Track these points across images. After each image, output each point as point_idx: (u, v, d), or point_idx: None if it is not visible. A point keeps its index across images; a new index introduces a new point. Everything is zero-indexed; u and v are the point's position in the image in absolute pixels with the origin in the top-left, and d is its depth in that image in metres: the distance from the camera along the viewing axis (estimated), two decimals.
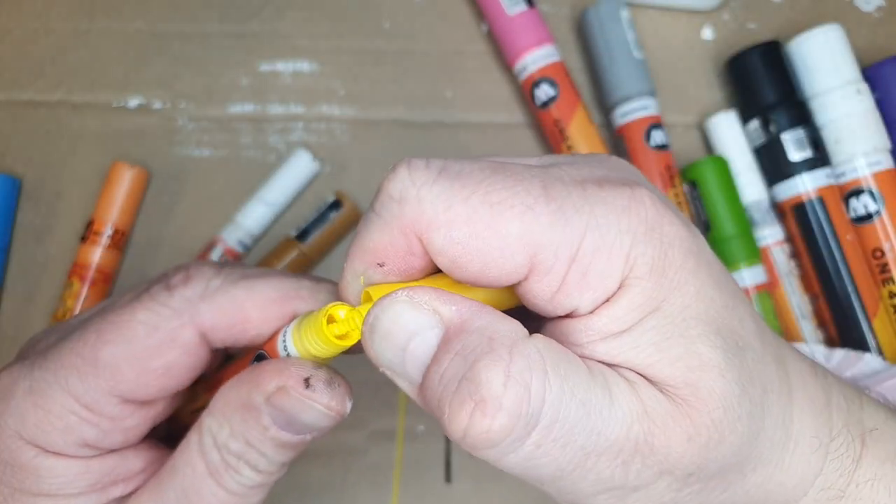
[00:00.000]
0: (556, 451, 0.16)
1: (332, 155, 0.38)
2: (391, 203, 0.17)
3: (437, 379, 0.16)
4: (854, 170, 0.36)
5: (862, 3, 0.42)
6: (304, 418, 0.20)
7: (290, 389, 0.20)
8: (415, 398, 0.17)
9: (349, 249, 0.19)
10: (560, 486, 0.17)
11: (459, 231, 0.17)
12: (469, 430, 0.15)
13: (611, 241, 0.17)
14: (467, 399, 0.15)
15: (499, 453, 0.16)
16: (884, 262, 0.36)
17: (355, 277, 0.18)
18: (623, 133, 0.37)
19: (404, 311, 0.17)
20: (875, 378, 0.32)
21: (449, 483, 0.35)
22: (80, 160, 0.38)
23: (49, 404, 0.20)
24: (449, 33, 0.40)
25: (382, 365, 0.17)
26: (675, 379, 0.17)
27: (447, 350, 0.16)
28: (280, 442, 0.20)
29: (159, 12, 0.39)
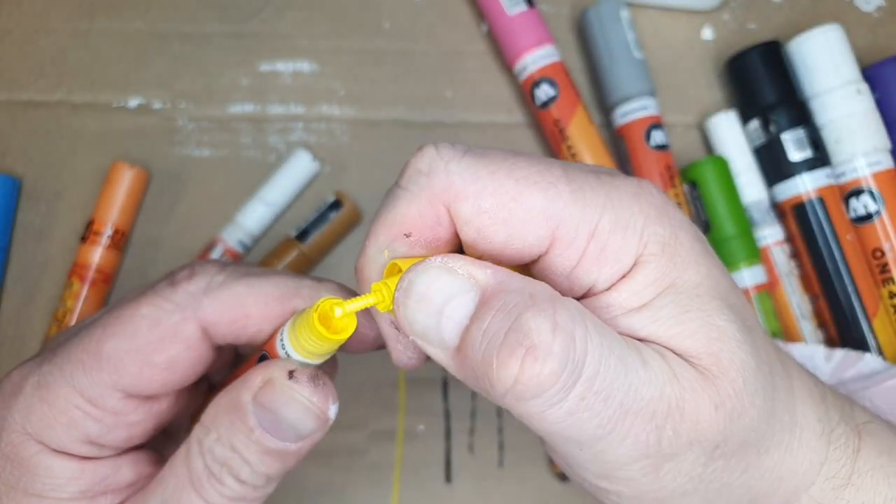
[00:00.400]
0: (598, 405, 0.16)
1: (332, 155, 0.38)
2: (419, 176, 0.18)
3: (480, 335, 0.16)
4: (854, 170, 0.36)
5: (862, 3, 0.42)
6: (288, 414, 0.20)
7: (274, 380, 0.20)
8: (447, 363, 0.17)
9: (371, 227, 0.19)
10: (598, 450, 0.17)
11: (487, 201, 0.17)
12: (520, 376, 0.15)
13: (626, 220, 0.18)
14: (517, 347, 0.16)
15: (545, 403, 0.16)
16: (884, 262, 0.36)
17: (379, 251, 0.18)
18: (623, 133, 0.37)
19: (440, 276, 0.17)
20: (875, 378, 0.32)
21: (449, 483, 0.35)
22: (80, 160, 0.38)
23: (54, 398, 0.20)
24: (449, 33, 0.40)
25: (415, 331, 0.17)
26: (696, 350, 0.18)
27: (488, 308, 0.16)
28: (264, 447, 0.20)
29: (159, 12, 0.39)
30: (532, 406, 0.16)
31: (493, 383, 0.16)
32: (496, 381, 0.16)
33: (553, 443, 0.18)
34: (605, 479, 0.18)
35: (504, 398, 0.16)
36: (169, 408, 0.22)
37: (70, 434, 0.20)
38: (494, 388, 0.16)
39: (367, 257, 0.19)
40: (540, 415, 0.16)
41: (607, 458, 0.17)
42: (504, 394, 0.16)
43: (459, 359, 0.17)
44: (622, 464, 0.17)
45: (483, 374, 0.16)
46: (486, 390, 0.16)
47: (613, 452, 0.17)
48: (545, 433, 0.17)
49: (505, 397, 0.16)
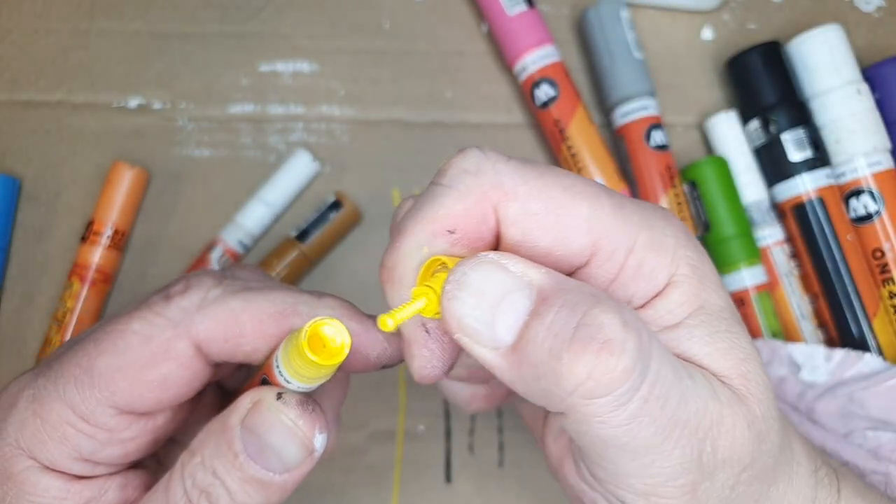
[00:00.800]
0: (656, 411, 0.16)
1: (332, 155, 0.38)
2: (465, 175, 0.18)
3: (544, 330, 0.15)
4: (854, 170, 0.36)
5: (862, 3, 0.42)
6: (272, 438, 0.19)
7: (261, 401, 0.19)
8: (495, 364, 0.16)
9: (406, 223, 0.18)
10: (648, 462, 0.17)
11: (536, 204, 0.17)
12: (594, 370, 0.15)
13: (660, 240, 0.18)
14: (590, 341, 0.15)
15: (612, 403, 0.15)
16: (884, 263, 0.36)
17: (418, 248, 0.18)
18: (623, 133, 0.37)
19: (495, 270, 0.16)
20: (875, 378, 0.32)
21: (449, 483, 0.36)
22: (80, 160, 0.38)
23: (47, 413, 0.20)
24: (449, 34, 0.40)
25: (464, 328, 0.16)
26: (728, 369, 0.18)
27: (549, 304, 0.16)
28: (247, 475, 0.19)
29: (159, 13, 0.39)
30: (599, 406, 0.15)
31: (561, 380, 0.15)
32: (565, 377, 0.15)
33: (601, 453, 0.17)
34: (644, 498, 0.17)
35: (570, 397, 0.15)
36: (166, 423, 0.22)
37: (62, 450, 0.20)
38: (561, 386, 0.15)
39: (404, 253, 0.18)
40: (603, 417, 0.16)
41: (654, 471, 0.17)
42: (572, 391, 0.15)
43: (513, 358, 0.16)
44: (667, 479, 0.17)
45: (547, 371, 0.15)
46: (546, 391, 0.16)
47: (661, 465, 0.17)
48: (600, 439, 0.16)
49: (571, 396, 0.15)
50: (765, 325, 0.36)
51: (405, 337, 0.18)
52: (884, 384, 0.32)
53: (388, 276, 0.18)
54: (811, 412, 0.32)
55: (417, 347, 0.18)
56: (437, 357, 0.18)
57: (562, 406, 0.16)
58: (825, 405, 0.32)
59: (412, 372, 0.19)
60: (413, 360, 0.18)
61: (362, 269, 0.38)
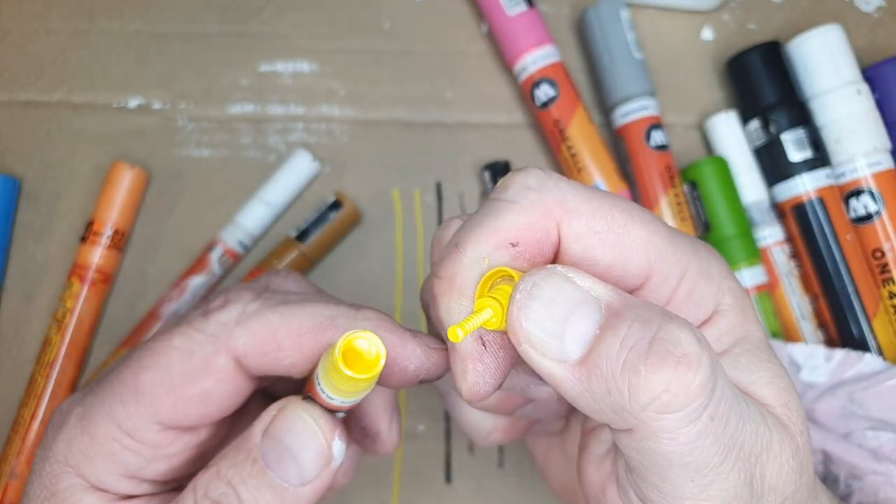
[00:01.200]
0: (719, 429, 0.16)
1: (332, 155, 0.38)
2: (529, 191, 0.18)
3: (618, 344, 0.15)
4: (854, 170, 0.36)
5: (862, 3, 0.42)
6: (292, 440, 0.19)
7: (287, 406, 0.20)
8: (561, 378, 0.16)
9: (466, 234, 0.18)
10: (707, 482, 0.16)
11: (599, 223, 0.18)
12: (671, 384, 0.15)
13: (708, 269, 0.19)
14: (667, 355, 0.15)
15: (684, 419, 0.15)
16: (884, 263, 0.36)
17: (479, 259, 0.17)
18: (623, 133, 0.37)
19: (565, 283, 0.16)
20: (875, 378, 0.32)
21: (449, 483, 0.36)
22: (80, 160, 0.38)
23: (94, 430, 0.20)
24: (449, 34, 0.40)
25: (533, 339, 0.16)
26: (771, 398, 0.18)
27: (621, 319, 0.16)
28: (263, 482, 0.19)
29: (159, 13, 0.39)
30: (671, 422, 0.15)
31: (636, 394, 0.15)
32: (642, 391, 0.15)
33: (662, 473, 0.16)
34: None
35: (643, 411, 0.15)
36: (210, 438, 0.22)
37: (108, 467, 0.20)
38: (635, 400, 0.15)
39: (465, 263, 0.18)
40: (673, 433, 0.15)
41: (711, 492, 0.16)
42: (647, 405, 0.15)
43: (581, 372, 0.16)
44: (724, 501, 0.17)
45: (621, 385, 0.15)
46: (617, 405, 0.15)
47: (718, 487, 0.16)
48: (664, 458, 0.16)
49: (645, 410, 0.15)
50: (765, 326, 0.36)
51: (460, 351, 0.18)
52: (884, 384, 0.32)
53: (447, 287, 0.18)
54: (811, 412, 0.32)
55: (473, 362, 0.18)
56: (491, 373, 0.18)
57: (632, 421, 0.16)
58: (825, 405, 0.32)
59: (462, 388, 0.18)
60: (466, 374, 0.18)
61: (362, 269, 0.38)
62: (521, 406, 0.22)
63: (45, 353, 0.35)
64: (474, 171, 0.39)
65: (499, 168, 0.37)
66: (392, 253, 0.38)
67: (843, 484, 0.31)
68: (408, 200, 0.38)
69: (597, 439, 0.20)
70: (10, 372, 0.36)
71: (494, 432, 0.23)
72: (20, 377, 0.36)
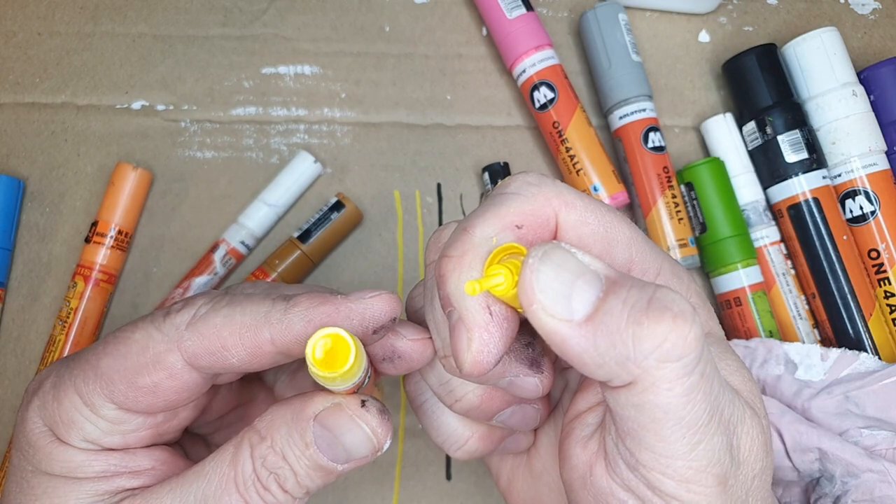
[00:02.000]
0: (707, 387, 0.17)
1: (334, 157, 0.39)
2: (530, 186, 0.20)
3: (620, 304, 0.17)
4: (850, 171, 0.37)
5: (857, 5, 0.42)
6: (347, 439, 0.21)
7: (344, 406, 0.21)
8: (565, 335, 0.17)
9: (475, 219, 0.19)
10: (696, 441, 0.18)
11: (591, 216, 0.20)
12: (670, 334, 0.16)
13: (679, 272, 0.22)
14: (666, 311, 0.16)
15: (683, 369, 0.17)
16: (879, 263, 0.36)
17: (487, 239, 0.19)
18: (621, 135, 0.38)
19: (571, 255, 0.18)
20: (870, 377, 0.32)
21: (449, 480, 0.36)
22: (85, 161, 0.38)
23: (62, 398, 0.22)
24: (449, 37, 0.40)
25: (543, 299, 0.17)
26: (738, 384, 0.20)
27: (620, 285, 0.17)
28: (314, 463, 0.21)
29: (162, 16, 0.40)
30: (671, 371, 0.17)
31: (641, 343, 0.16)
32: (645, 340, 0.16)
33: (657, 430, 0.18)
34: (684, 486, 0.18)
35: (646, 360, 0.16)
36: (168, 422, 0.23)
37: (71, 432, 0.22)
38: (639, 349, 0.16)
39: (474, 242, 0.19)
40: (671, 383, 0.17)
41: (698, 453, 0.18)
42: (650, 353, 0.16)
43: (588, 329, 0.17)
44: (707, 464, 0.18)
45: (625, 337, 0.17)
46: (621, 357, 0.17)
47: (705, 447, 0.18)
48: (661, 411, 0.17)
49: (648, 358, 0.16)
50: (761, 325, 0.36)
51: (467, 321, 0.19)
52: (879, 383, 0.32)
53: (457, 264, 0.19)
54: (807, 411, 0.33)
55: (479, 330, 0.19)
56: (495, 342, 0.19)
57: (635, 371, 0.17)
58: (821, 404, 0.33)
59: (466, 359, 0.19)
60: (472, 343, 0.19)
61: (364, 269, 0.38)
62: (502, 409, 0.23)
63: (49, 353, 0.35)
64: (474, 173, 0.39)
65: (498, 169, 0.38)
66: (393, 253, 0.38)
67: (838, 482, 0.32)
68: (408, 201, 0.39)
69: (582, 423, 0.21)
70: (14, 371, 0.36)
71: (471, 439, 0.24)
72: (24, 376, 0.36)
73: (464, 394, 0.22)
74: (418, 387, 0.24)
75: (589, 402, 0.21)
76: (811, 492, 0.32)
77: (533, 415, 0.24)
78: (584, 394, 0.22)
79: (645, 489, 0.18)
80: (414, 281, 0.38)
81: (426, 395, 0.24)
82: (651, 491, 0.18)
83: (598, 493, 0.20)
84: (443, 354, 0.21)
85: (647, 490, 0.18)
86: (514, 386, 0.21)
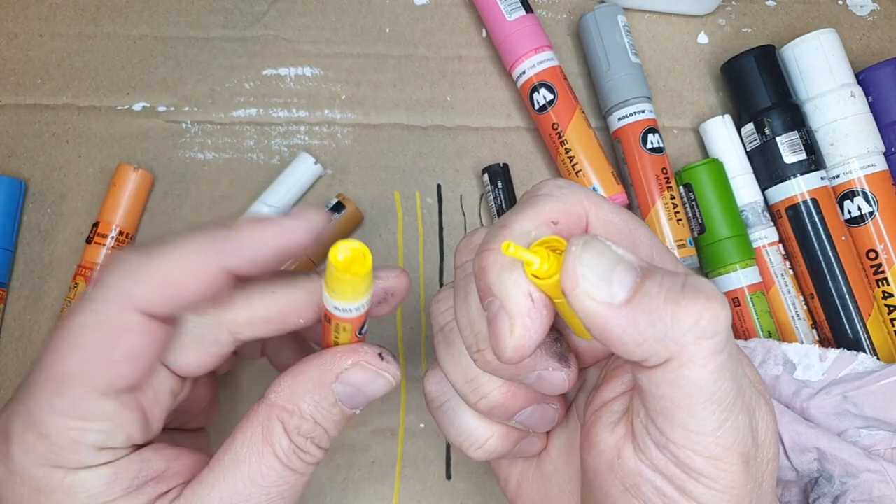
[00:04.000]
0: (734, 367, 0.19)
1: (335, 158, 0.39)
2: (560, 188, 0.21)
3: (657, 287, 0.18)
4: (848, 172, 0.37)
5: (856, 7, 0.43)
6: (371, 389, 0.24)
7: (365, 364, 0.24)
8: (605, 316, 0.18)
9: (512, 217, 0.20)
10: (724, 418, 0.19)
11: (617, 216, 0.21)
12: (705, 312, 0.18)
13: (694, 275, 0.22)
14: (699, 293, 0.18)
15: (717, 345, 0.18)
16: (877, 263, 0.36)
17: (525, 234, 0.20)
18: (619, 136, 0.38)
19: (608, 246, 0.19)
20: (869, 378, 0.32)
21: (449, 480, 0.36)
22: (86, 162, 0.38)
23: (48, 430, 0.21)
24: (449, 39, 0.41)
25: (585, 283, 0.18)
26: (749, 374, 0.21)
27: (655, 271, 0.18)
28: (343, 415, 0.24)
29: (164, 17, 0.40)
30: (706, 347, 0.18)
31: (678, 320, 0.18)
32: (683, 317, 0.18)
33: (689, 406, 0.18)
34: (712, 463, 0.19)
35: (685, 336, 0.18)
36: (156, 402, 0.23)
37: (79, 452, 0.21)
38: (678, 326, 0.17)
39: (514, 236, 0.20)
40: (706, 359, 0.18)
41: (725, 430, 0.19)
42: (688, 329, 0.17)
43: (627, 310, 0.18)
44: (733, 441, 0.19)
45: (664, 315, 0.18)
46: (661, 334, 0.18)
47: (732, 425, 0.19)
48: (695, 387, 0.18)
49: (686, 335, 0.18)
50: (759, 325, 0.36)
51: (510, 309, 0.19)
52: (877, 383, 0.32)
53: (497, 256, 0.20)
54: (805, 411, 0.33)
55: (521, 317, 0.19)
56: (536, 328, 0.20)
57: (673, 348, 0.18)
58: (819, 404, 0.33)
59: (508, 346, 0.19)
60: (515, 329, 0.19)
61: None
62: (523, 408, 0.23)
63: None
64: (474, 174, 0.39)
65: (498, 170, 0.38)
66: (394, 253, 0.38)
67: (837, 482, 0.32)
68: (409, 202, 0.39)
69: (608, 410, 0.22)
70: (16, 371, 0.36)
71: (491, 439, 0.24)
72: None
73: (489, 391, 0.22)
74: (440, 386, 0.25)
75: (614, 391, 0.22)
76: (810, 491, 0.32)
77: (552, 415, 0.24)
78: (608, 384, 0.22)
79: (673, 468, 0.19)
80: (414, 280, 0.38)
81: (448, 395, 0.24)
82: (679, 469, 0.19)
83: (625, 475, 0.20)
84: (476, 349, 0.21)
85: (675, 468, 0.19)
86: (542, 381, 0.22)
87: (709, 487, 0.19)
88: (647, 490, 0.20)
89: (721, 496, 0.19)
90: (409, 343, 0.37)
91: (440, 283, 0.38)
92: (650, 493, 0.20)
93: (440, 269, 0.38)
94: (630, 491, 0.20)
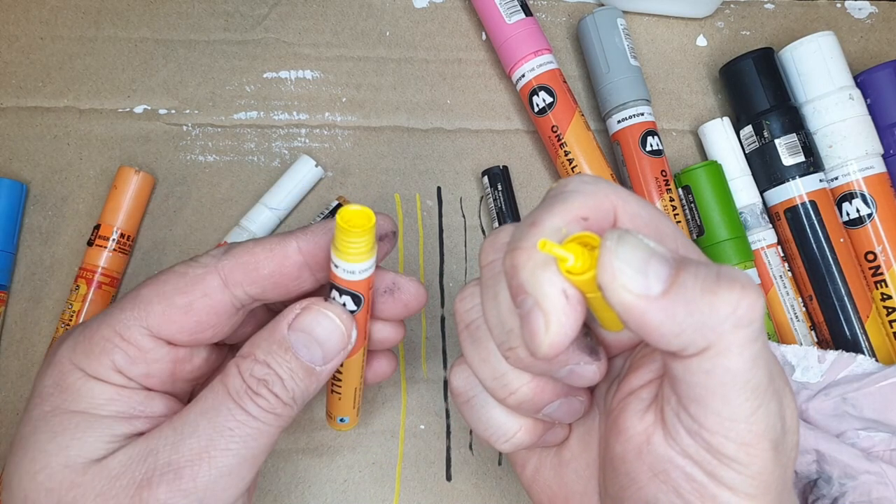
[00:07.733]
0: (766, 356, 0.19)
1: (335, 161, 0.39)
2: (587, 185, 0.21)
3: (692, 278, 0.18)
4: (846, 174, 0.37)
5: (854, 10, 0.43)
6: (318, 332, 0.24)
7: (310, 306, 0.25)
8: (642, 309, 0.18)
9: (542, 214, 0.20)
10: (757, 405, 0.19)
11: (643, 212, 0.21)
12: (742, 301, 0.18)
13: None
14: (735, 282, 0.18)
15: (753, 334, 0.18)
16: (876, 265, 0.37)
17: (556, 230, 0.20)
18: (619, 139, 0.38)
19: (640, 239, 0.19)
20: (867, 379, 0.33)
21: (449, 481, 0.36)
22: (87, 165, 0.38)
23: (92, 333, 0.24)
24: (449, 42, 0.41)
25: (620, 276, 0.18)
26: None
27: (687, 264, 0.19)
28: (296, 365, 0.24)
29: (165, 20, 0.40)
30: (743, 336, 0.18)
31: (716, 309, 0.18)
32: (721, 306, 0.18)
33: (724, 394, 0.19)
34: (744, 449, 0.19)
35: (723, 324, 0.18)
36: (186, 358, 0.26)
37: (101, 361, 0.24)
38: (716, 315, 0.18)
39: (545, 233, 0.20)
40: (742, 347, 0.18)
41: (758, 417, 0.19)
42: (726, 318, 0.18)
43: (665, 302, 0.18)
44: (764, 428, 0.19)
45: (702, 305, 0.18)
46: (699, 323, 0.18)
47: (764, 412, 0.19)
48: (730, 374, 0.18)
49: (724, 323, 0.18)
50: None
51: (545, 307, 0.20)
52: (876, 385, 0.32)
53: (530, 254, 0.20)
54: (804, 412, 0.33)
55: (556, 313, 0.20)
56: (571, 324, 0.20)
57: (710, 337, 0.18)
58: (818, 405, 0.33)
59: (543, 342, 0.20)
60: (550, 325, 0.19)
61: None
62: (551, 401, 0.23)
63: None
64: (474, 176, 0.39)
65: (497, 173, 0.38)
66: (394, 255, 0.38)
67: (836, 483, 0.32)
68: (409, 204, 0.39)
69: (637, 398, 0.22)
70: (17, 373, 0.36)
71: (519, 432, 0.25)
72: (27, 378, 0.36)
73: (518, 387, 0.23)
74: (467, 381, 0.25)
75: (642, 379, 0.22)
76: (809, 493, 0.32)
77: (578, 407, 0.24)
78: (636, 373, 0.23)
79: (704, 454, 0.20)
80: None
81: (475, 390, 0.25)
82: (711, 455, 0.19)
83: (655, 461, 0.21)
84: (508, 346, 0.21)
85: (706, 454, 0.19)
86: (574, 374, 0.22)
87: (739, 473, 0.19)
88: (676, 476, 0.20)
89: (751, 481, 0.19)
90: (410, 345, 0.38)
91: (440, 285, 0.38)
92: (680, 478, 0.20)
93: (440, 272, 0.38)
94: (659, 476, 0.21)
